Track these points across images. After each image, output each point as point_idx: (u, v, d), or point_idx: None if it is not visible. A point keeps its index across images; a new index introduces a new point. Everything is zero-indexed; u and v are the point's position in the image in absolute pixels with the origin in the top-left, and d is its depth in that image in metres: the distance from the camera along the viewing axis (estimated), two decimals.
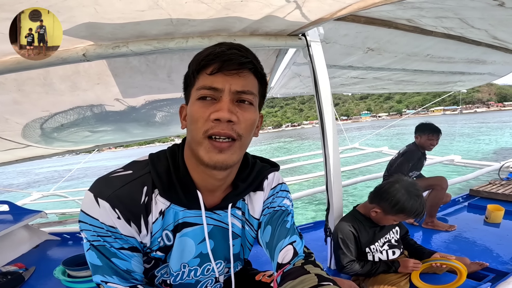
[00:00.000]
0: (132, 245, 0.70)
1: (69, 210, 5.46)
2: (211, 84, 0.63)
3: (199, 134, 0.64)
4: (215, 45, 0.66)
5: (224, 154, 0.65)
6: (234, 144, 0.66)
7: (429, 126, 2.56)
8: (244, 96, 0.66)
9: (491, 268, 1.77)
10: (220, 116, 0.62)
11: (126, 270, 0.68)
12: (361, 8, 1.10)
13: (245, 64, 0.65)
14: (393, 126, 9.01)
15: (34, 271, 1.93)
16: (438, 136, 2.52)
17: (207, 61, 0.63)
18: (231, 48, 0.64)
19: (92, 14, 0.92)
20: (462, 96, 5.95)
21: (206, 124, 0.63)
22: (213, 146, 0.64)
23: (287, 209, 0.85)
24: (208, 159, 0.65)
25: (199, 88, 0.65)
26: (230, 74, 0.64)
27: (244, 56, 0.64)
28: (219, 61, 0.62)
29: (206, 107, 0.64)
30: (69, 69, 1.61)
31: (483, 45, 2.46)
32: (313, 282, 0.66)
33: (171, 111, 2.51)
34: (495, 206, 2.53)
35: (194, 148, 0.67)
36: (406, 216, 1.50)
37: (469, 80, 4.26)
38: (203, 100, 0.65)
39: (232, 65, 0.63)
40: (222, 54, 0.62)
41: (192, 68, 0.66)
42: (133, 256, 0.70)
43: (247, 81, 0.66)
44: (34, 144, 2.59)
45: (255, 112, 0.69)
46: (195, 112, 0.65)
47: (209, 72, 0.63)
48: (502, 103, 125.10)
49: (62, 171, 24.58)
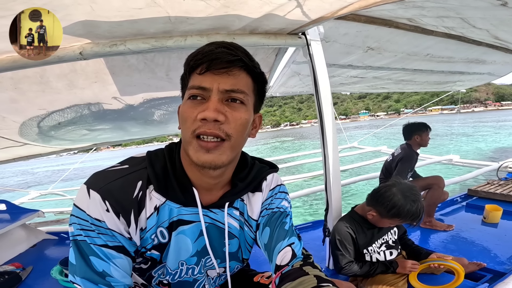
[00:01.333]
0: (118, 243, 0.67)
1: (67, 209, 5.43)
2: (199, 84, 0.63)
3: (188, 133, 0.64)
4: (205, 44, 0.65)
5: (212, 154, 0.64)
6: (223, 144, 0.65)
7: (422, 124, 2.61)
8: (234, 95, 0.65)
9: (489, 269, 1.78)
10: (206, 115, 0.61)
11: (101, 273, 0.64)
12: (362, 7, 1.08)
13: (234, 62, 0.63)
14: (391, 125, 9.09)
15: (32, 270, 1.91)
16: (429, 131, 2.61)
17: (195, 61, 0.63)
18: (220, 47, 0.63)
19: (88, 12, 0.90)
20: (460, 96, 5.95)
21: (194, 123, 0.63)
22: (200, 146, 0.64)
23: (285, 210, 0.84)
24: (196, 158, 0.64)
25: (189, 88, 0.65)
26: (219, 73, 0.63)
27: (232, 54, 0.63)
28: (207, 60, 0.62)
29: (194, 107, 0.64)
30: (66, 68, 1.59)
31: (484, 45, 2.45)
32: (312, 284, 0.65)
33: (170, 110, 2.49)
34: (493, 206, 2.54)
35: (185, 147, 0.67)
36: (402, 221, 1.49)
37: (468, 80, 4.25)
38: (192, 99, 0.65)
39: (220, 64, 0.62)
40: (210, 53, 0.62)
41: (184, 68, 0.68)
42: (115, 258, 0.66)
43: (237, 79, 0.65)
44: (32, 143, 2.57)
45: (247, 111, 0.67)
46: (184, 112, 0.65)
47: (199, 71, 0.64)
48: (499, 102, 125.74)
49: (59, 171, 24.52)
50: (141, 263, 0.76)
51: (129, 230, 0.68)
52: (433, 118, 55.76)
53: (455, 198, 3.16)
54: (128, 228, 0.68)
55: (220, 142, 0.64)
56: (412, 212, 1.43)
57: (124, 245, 0.68)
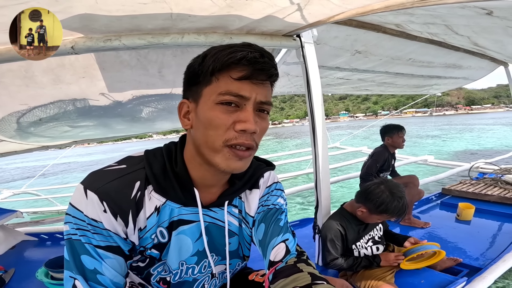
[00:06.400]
0: (113, 243, 0.66)
1: (42, 209, 5.18)
2: (238, 91, 0.60)
3: (218, 141, 0.62)
4: (241, 45, 0.61)
5: (243, 161, 0.65)
6: (252, 153, 0.66)
7: (393, 126, 2.71)
8: (265, 107, 0.65)
9: (465, 264, 1.89)
10: (248, 127, 0.60)
11: (92, 271, 0.64)
12: (359, 13, 1.13)
13: (273, 77, 0.64)
14: (369, 127, 9.45)
15: (14, 273, 1.82)
16: (404, 133, 2.69)
17: (236, 64, 0.60)
18: (263, 56, 0.61)
19: (90, 5, 0.87)
20: (432, 99, 6.26)
21: (229, 133, 0.62)
22: (235, 154, 0.63)
23: (281, 207, 0.85)
24: (226, 166, 0.64)
25: (223, 93, 0.61)
26: (256, 83, 0.62)
27: (274, 68, 0.63)
28: (251, 68, 0.60)
29: (229, 114, 0.61)
30: (53, 62, 1.53)
31: (462, 51, 2.61)
32: (307, 281, 0.66)
33: (159, 107, 2.45)
34: (466, 204, 2.69)
35: (205, 153, 0.65)
36: (389, 216, 1.57)
37: (444, 83, 4.49)
38: (225, 106, 0.61)
39: (262, 75, 0.61)
40: (255, 61, 0.59)
41: (211, 65, 0.61)
42: (108, 257, 0.66)
43: (268, 91, 0.66)
44: (8, 139, 2.44)
45: (268, 120, 0.70)
46: (216, 118, 0.61)
47: (237, 77, 0.60)
48: (470, 106, 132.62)
49: (30, 167, 23.24)
50: (139, 261, 0.76)
51: (127, 231, 0.68)
52: (407, 120, 58.11)
53: (430, 196, 3.32)
54: (126, 228, 0.67)
55: (251, 150, 0.65)
56: (398, 208, 1.52)
57: (120, 245, 0.68)
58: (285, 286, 0.67)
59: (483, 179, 3.59)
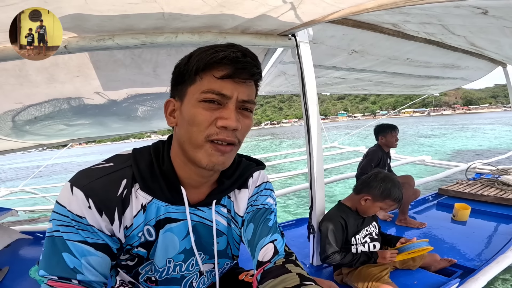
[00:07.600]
0: (98, 240, 0.66)
1: (39, 207, 5.17)
2: (220, 90, 0.62)
3: (200, 137, 0.64)
4: (225, 45, 0.63)
5: (224, 156, 0.66)
6: (234, 148, 0.67)
7: (387, 125, 2.73)
8: (248, 105, 0.67)
9: (459, 265, 1.89)
10: (228, 124, 0.62)
11: (72, 269, 0.63)
12: (353, 12, 1.12)
13: (255, 76, 0.65)
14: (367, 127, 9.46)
15: (8, 271, 1.82)
16: (397, 132, 2.72)
17: (219, 64, 0.61)
18: (245, 55, 0.62)
19: (80, 6, 0.87)
20: (430, 99, 6.28)
21: (210, 129, 0.63)
22: (216, 149, 0.64)
23: (270, 207, 0.85)
24: (208, 161, 0.65)
25: (205, 91, 0.62)
26: (239, 82, 0.63)
27: (256, 67, 0.64)
28: (233, 68, 0.61)
29: (211, 111, 0.63)
30: (47, 61, 1.52)
31: (459, 51, 2.60)
32: (295, 282, 0.66)
33: (154, 106, 2.44)
34: (462, 205, 2.69)
35: (188, 149, 0.66)
36: (391, 202, 1.63)
37: (442, 84, 4.49)
38: (208, 103, 0.63)
39: (244, 74, 0.63)
40: (237, 61, 0.61)
41: (195, 65, 0.62)
42: (92, 255, 0.65)
43: (251, 90, 0.67)
44: (4, 137, 2.43)
45: (252, 118, 0.70)
46: (198, 115, 0.63)
47: (219, 76, 0.62)
48: (467, 106, 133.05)
49: (27, 167, 23.21)
50: (128, 260, 0.76)
51: (112, 228, 0.67)
52: (405, 120, 58.24)
53: (426, 197, 3.32)
54: (111, 225, 0.67)
55: (232, 146, 0.66)
56: (398, 193, 1.61)
57: (108, 242, 0.67)
58: (273, 287, 0.67)
59: (480, 180, 3.59)
